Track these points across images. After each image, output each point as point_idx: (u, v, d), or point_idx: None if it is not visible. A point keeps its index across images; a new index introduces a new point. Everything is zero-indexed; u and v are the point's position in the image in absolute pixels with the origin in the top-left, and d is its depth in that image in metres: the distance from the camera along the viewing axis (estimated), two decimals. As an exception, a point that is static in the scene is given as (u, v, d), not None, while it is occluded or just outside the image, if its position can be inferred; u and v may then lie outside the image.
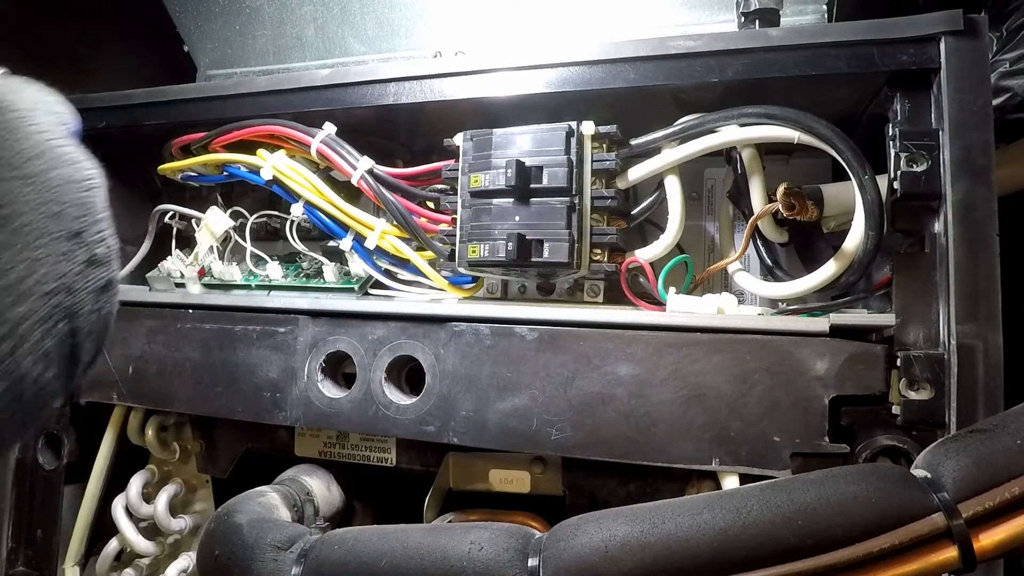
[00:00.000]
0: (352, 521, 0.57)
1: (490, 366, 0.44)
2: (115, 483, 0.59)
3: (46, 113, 0.27)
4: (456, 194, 0.47)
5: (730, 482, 0.40)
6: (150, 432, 0.57)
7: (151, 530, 0.58)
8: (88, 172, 0.27)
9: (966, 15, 0.38)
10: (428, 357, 0.46)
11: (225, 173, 0.56)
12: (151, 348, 0.54)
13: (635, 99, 0.45)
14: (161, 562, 0.59)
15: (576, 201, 0.44)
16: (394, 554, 0.38)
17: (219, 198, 0.63)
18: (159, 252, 0.60)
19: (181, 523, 0.57)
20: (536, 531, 0.41)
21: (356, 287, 0.54)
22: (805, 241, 0.48)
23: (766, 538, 0.26)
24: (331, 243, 0.54)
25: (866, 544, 0.25)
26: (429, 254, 0.50)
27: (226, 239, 0.58)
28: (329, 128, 0.52)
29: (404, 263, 0.52)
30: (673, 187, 0.46)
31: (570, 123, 0.45)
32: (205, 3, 0.72)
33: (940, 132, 0.38)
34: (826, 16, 0.57)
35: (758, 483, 0.29)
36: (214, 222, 0.57)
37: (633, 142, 0.46)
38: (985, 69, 0.38)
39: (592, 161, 0.45)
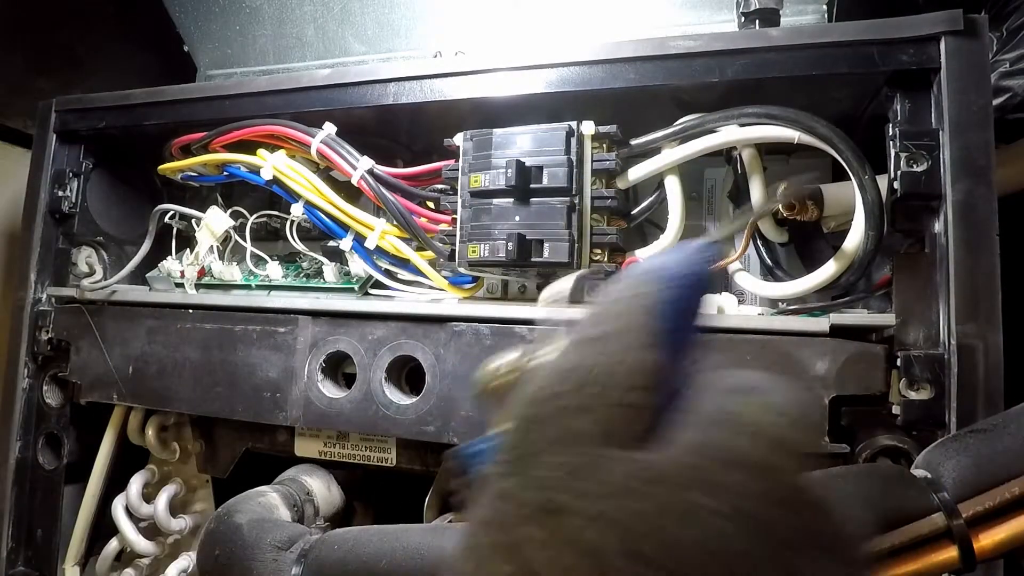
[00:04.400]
0: (352, 521, 0.57)
1: (490, 366, 0.44)
2: (115, 483, 0.59)
3: None
4: (456, 194, 0.47)
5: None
6: (150, 432, 0.57)
7: (151, 530, 0.58)
8: None
9: (966, 15, 0.38)
10: (428, 357, 0.46)
11: (225, 173, 0.56)
12: (151, 348, 0.54)
13: (635, 99, 0.45)
14: (161, 562, 0.59)
15: (576, 201, 0.44)
16: (394, 554, 0.38)
17: (219, 198, 0.63)
18: (159, 252, 0.60)
19: (181, 523, 0.57)
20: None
21: (356, 287, 0.54)
22: (805, 241, 0.48)
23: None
24: (331, 243, 0.54)
25: (866, 544, 0.25)
26: (429, 254, 0.50)
27: (226, 239, 0.58)
28: (329, 128, 0.52)
29: (404, 263, 0.52)
30: (673, 187, 0.46)
31: (570, 123, 0.45)
32: (205, 3, 0.72)
33: (940, 132, 0.38)
34: (826, 16, 0.57)
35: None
36: (214, 222, 0.57)
37: (633, 142, 0.46)
38: (985, 69, 0.38)
39: (592, 161, 0.45)
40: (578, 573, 0.14)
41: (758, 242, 0.48)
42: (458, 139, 0.48)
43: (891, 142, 0.38)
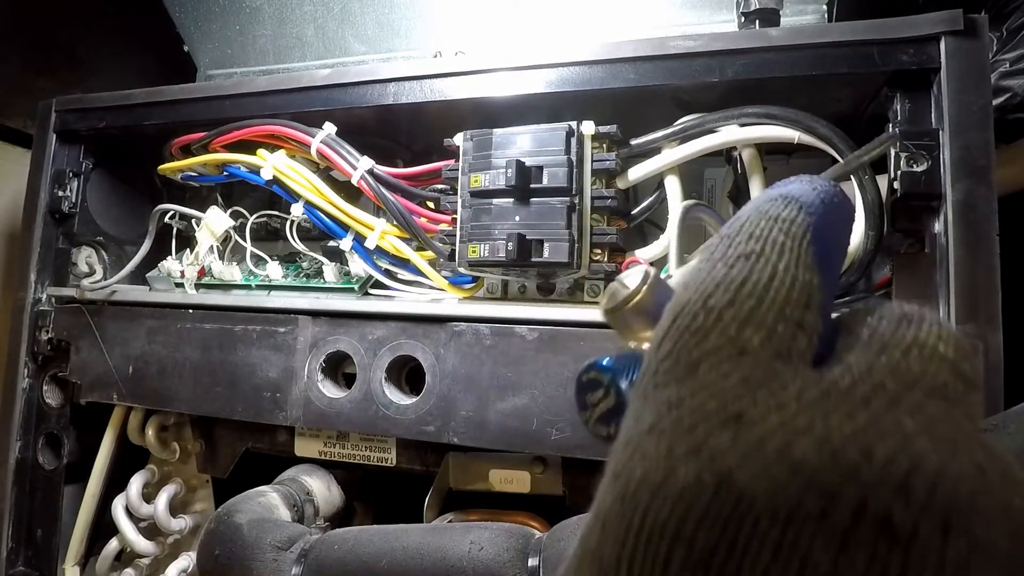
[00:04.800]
0: (352, 521, 0.57)
1: (490, 366, 0.44)
2: (115, 483, 0.59)
3: None
4: (456, 194, 0.47)
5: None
6: (150, 432, 0.57)
7: (151, 530, 0.58)
8: None
9: (966, 15, 0.38)
10: (428, 357, 0.46)
11: (225, 173, 0.56)
12: (151, 348, 0.54)
13: (635, 99, 0.45)
14: (161, 562, 0.59)
15: (576, 201, 0.44)
16: (394, 554, 0.38)
17: (219, 198, 0.63)
18: (159, 252, 0.60)
19: (181, 523, 0.58)
20: (536, 531, 0.42)
21: (356, 287, 0.54)
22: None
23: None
24: (331, 243, 0.54)
25: (866, 544, 0.25)
26: (429, 254, 0.50)
27: (226, 239, 0.58)
28: (329, 128, 0.52)
29: (404, 263, 0.52)
30: (673, 187, 0.46)
31: (570, 123, 0.45)
32: (205, 3, 0.72)
33: (940, 132, 0.38)
34: (826, 16, 0.57)
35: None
36: (214, 222, 0.57)
37: (633, 142, 0.46)
38: (985, 69, 0.38)
39: (592, 161, 0.45)
40: (789, 490, 0.13)
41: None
42: (458, 139, 0.48)
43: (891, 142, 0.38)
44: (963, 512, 0.13)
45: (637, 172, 0.46)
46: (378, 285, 0.54)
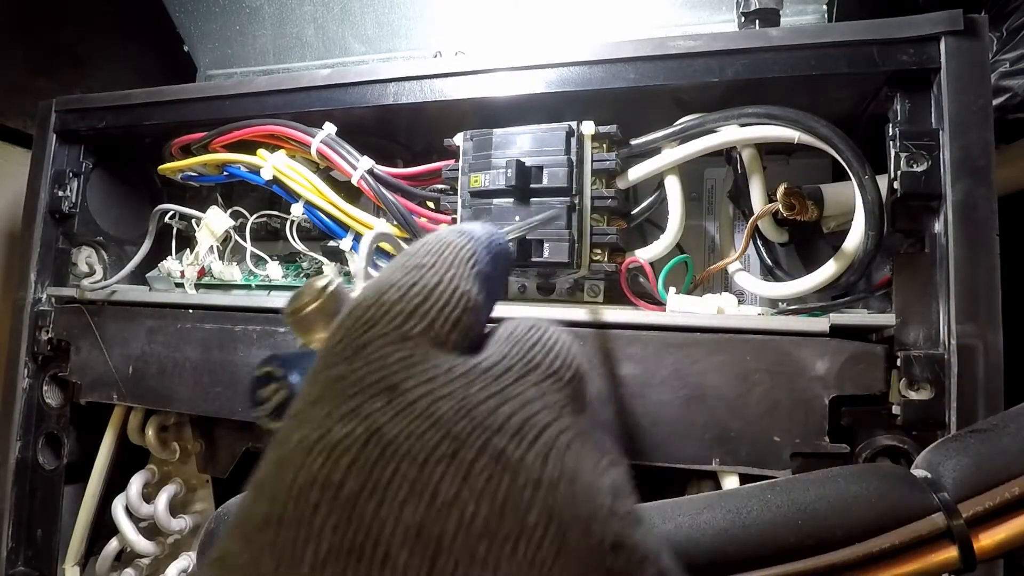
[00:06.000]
0: (352, 521, 0.57)
1: (490, 366, 0.44)
2: (115, 483, 0.59)
3: None
4: (456, 194, 0.47)
5: (730, 482, 0.40)
6: (150, 432, 0.57)
7: (151, 530, 0.58)
8: None
9: (966, 15, 0.38)
10: (428, 357, 0.46)
11: (225, 173, 0.56)
12: (151, 348, 0.54)
13: (635, 99, 0.45)
14: (161, 562, 0.59)
15: (576, 201, 0.44)
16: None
17: (219, 198, 0.63)
18: (159, 252, 0.60)
19: (181, 523, 0.58)
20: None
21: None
22: (805, 241, 0.48)
23: (766, 538, 0.26)
24: (331, 243, 0.54)
25: (866, 544, 0.25)
26: (429, 254, 0.50)
27: (226, 239, 0.58)
28: (329, 128, 0.52)
29: (404, 263, 0.52)
30: (673, 187, 0.46)
31: (570, 123, 0.45)
32: (205, 3, 0.72)
33: (940, 132, 0.38)
34: (826, 16, 0.57)
35: (758, 483, 0.29)
36: (214, 222, 0.57)
37: (633, 142, 0.46)
38: (985, 69, 0.38)
39: (592, 161, 0.45)
40: (427, 438, 0.16)
41: (758, 242, 0.48)
42: (458, 139, 0.48)
43: (891, 142, 0.38)
44: (560, 449, 0.17)
45: (637, 172, 0.46)
46: (378, 285, 0.54)
